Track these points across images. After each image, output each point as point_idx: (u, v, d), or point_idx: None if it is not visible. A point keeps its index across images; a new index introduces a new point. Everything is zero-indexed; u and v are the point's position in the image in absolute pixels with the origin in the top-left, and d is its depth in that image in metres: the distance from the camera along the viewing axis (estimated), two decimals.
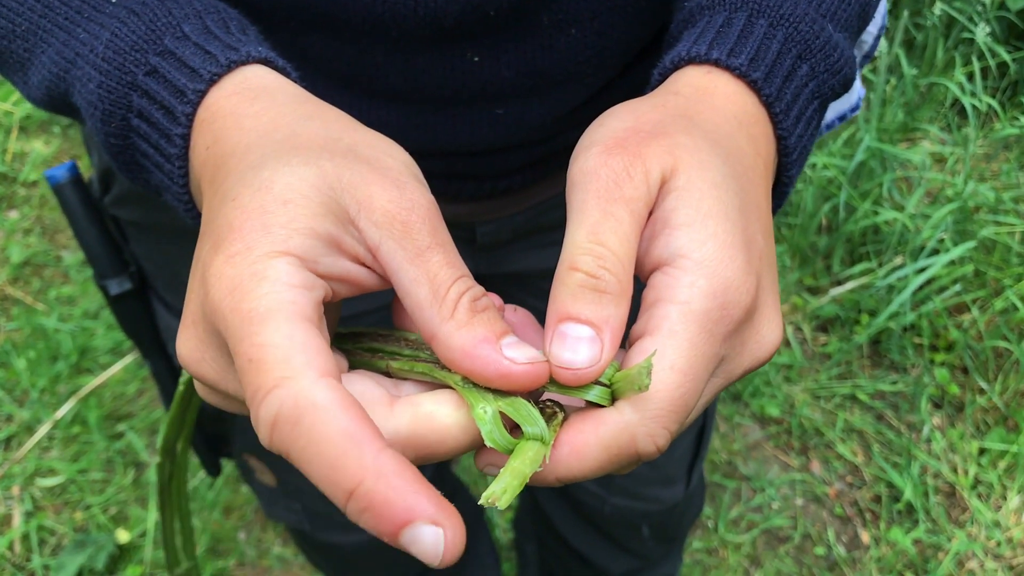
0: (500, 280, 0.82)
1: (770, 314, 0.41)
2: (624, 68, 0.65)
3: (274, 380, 0.33)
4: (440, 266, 0.37)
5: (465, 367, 0.37)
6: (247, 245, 0.35)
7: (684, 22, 0.51)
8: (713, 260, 0.38)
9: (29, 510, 1.71)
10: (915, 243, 2.03)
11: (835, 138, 2.28)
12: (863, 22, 0.54)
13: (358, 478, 0.32)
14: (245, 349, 0.34)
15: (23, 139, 2.54)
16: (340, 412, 0.32)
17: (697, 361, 0.37)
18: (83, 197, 0.78)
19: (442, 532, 0.32)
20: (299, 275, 0.35)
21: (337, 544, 1.04)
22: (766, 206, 0.43)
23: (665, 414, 0.37)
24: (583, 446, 0.37)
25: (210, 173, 0.41)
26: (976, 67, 2.35)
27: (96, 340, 2.00)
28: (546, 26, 0.58)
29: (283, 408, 0.32)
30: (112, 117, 0.45)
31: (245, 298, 0.34)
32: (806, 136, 0.48)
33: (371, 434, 0.33)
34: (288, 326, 0.34)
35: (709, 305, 0.37)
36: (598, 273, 0.37)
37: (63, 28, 0.47)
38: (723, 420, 1.92)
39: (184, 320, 0.39)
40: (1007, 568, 1.67)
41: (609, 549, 1.12)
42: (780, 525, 1.76)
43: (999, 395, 1.91)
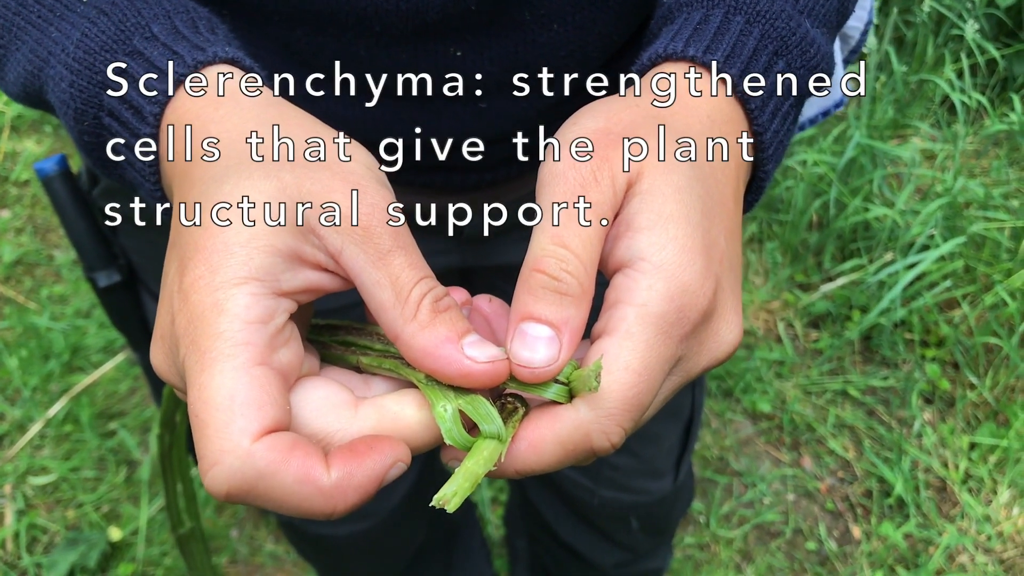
0: (486, 272, 0.83)
1: (729, 315, 0.42)
2: (607, 62, 0.66)
3: (214, 456, 0.35)
4: (402, 268, 0.38)
5: (428, 366, 0.38)
6: (210, 268, 0.37)
7: (663, 19, 0.52)
8: (671, 264, 0.39)
9: (21, 508, 1.71)
10: (905, 239, 2.04)
11: (826, 135, 2.29)
12: (842, 17, 0.54)
13: (330, 506, 0.36)
14: (193, 398, 0.36)
15: (15, 138, 2.54)
16: (284, 468, 0.35)
17: (652, 362, 0.39)
18: (72, 190, 0.78)
19: (402, 463, 0.37)
20: (257, 308, 0.37)
21: (327, 536, 1.05)
22: (733, 206, 0.45)
23: (619, 412, 0.38)
24: (540, 441, 0.39)
25: (178, 178, 0.42)
26: (965, 64, 2.36)
27: (88, 339, 2.00)
28: (528, 21, 0.59)
29: (231, 484, 0.35)
30: (84, 116, 0.46)
31: (203, 335, 0.36)
32: (782, 131, 0.49)
33: (318, 465, 0.35)
34: (232, 380, 0.35)
35: (666, 308, 0.39)
36: (560, 276, 0.39)
37: (36, 26, 0.48)
38: (715, 416, 1.92)
39: (156, 331, 0.41)
40: (997, 562, 1.68)
41: (599, 542, 1.13)
42: (771, 520, 1.76)
43: (989, 390, 1.92)
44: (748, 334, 2.06)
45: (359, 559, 1.12)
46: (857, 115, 2.30)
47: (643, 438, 0.98)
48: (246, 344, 0.36)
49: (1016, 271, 1.97)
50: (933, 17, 2.41)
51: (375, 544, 1.07)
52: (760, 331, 2.07)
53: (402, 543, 1.13)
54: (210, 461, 0.35)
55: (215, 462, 0.35)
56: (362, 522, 1.02)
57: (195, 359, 0.36)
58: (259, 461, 0.34)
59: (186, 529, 0.82)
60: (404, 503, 1.04)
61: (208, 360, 0.35)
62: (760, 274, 2.18)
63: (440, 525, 1.27)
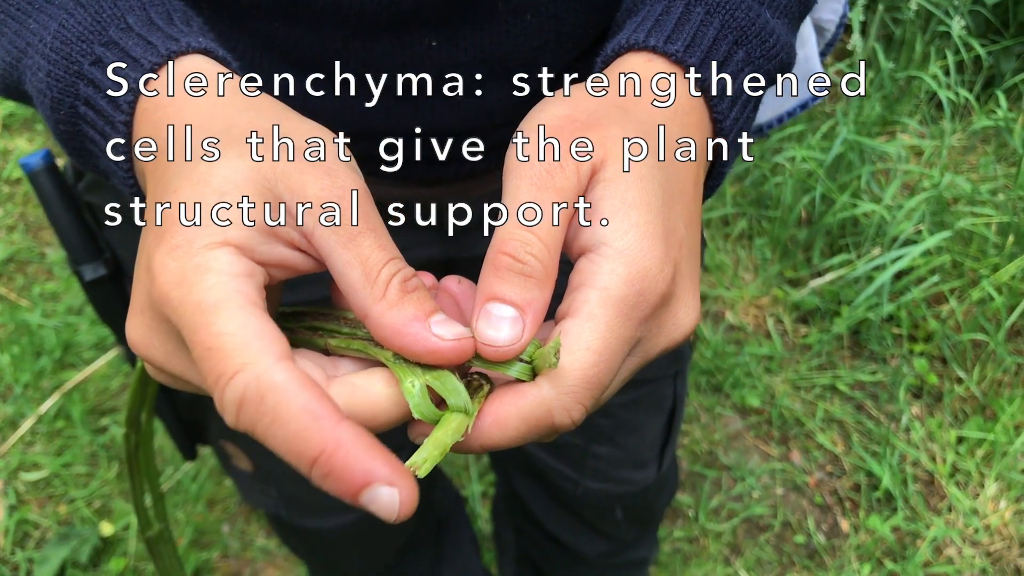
0: (470, 263, 0.84)
1: (687, 299, 0.44)
2: (581, 54, 0.67)
3: (235, 366, 0.35)
4: (371, 249, 0.39)
5: (396, 344, 0.39)
6: (187, 238, 0.38)
7: (627, 11, 0.54)
8: (632, 249, 0.41)
9: (13, 504, 1.72)
10: (892, 234, 2.05)
11: (814, 131, 2.30)
12: (804, 8, 0.56)
13: (319, 448, 0.35)
14: (201, 338, 0.36)
15: (6, 137, 2.54)
16: (299, 391, 0.35)
17: (613, 342, 0.40)
18: (58, 184, 0.79)
19: (397, 492, 0.35)
20: (240, 264, 0.38)
21: (314, 529, 1.05)
22: (693, 192, 0.46)
23: (580, 390, 0.40)
24: (504, 417, 0.40)
25: (152, 163, 0.43)
26: (952, 61, 2.37)
27: (80, 335, 2.01)
28: (502, 12, 0.60)
29: (247, 391, 0.35)
30: (61, 105, 0.47)
31: (193, 290, 0.36)
32: (742, 119, 0.50)
33: (329, 409, 0.35)
34: (240, 314, 0.36)
35: (626, 292, 0.40)
36: (524, 258, 0.40)
37: (15, 18, 0.49)
38: (704, 411, 1.93)
39: (132, 307, 0.41)
40: (984, 554, 1.69)
41: (584, 532, 1.14)
42: (760, 514, 1.78)
43: (977, 384, 1.93)
44: (737, 329, 2.07)
45: (348, 552, 1.13)
46: (845, 111, 2.31)
47: (626, 428, 0.99)
48: (239, 292, 0.37)
49: (1003, 266, 1.98)
50: (920, 14, 2.42)
51: (363, 537, 1.08)
52: (749, 326, 2.08)
53: (390, 536, 1.14)
54: (228, 374, 0.35)
55: (237, 371, 0.35)
56: (350, 514, 1.03)
57: (191, 310, 0.36)
58: (279, 376, 0.35)
59: (155, 531, 0.82)
60: None
61: (208, 306, 0.36)
62: (749, 270, 2.20)
63: (429, 518, 1.28)
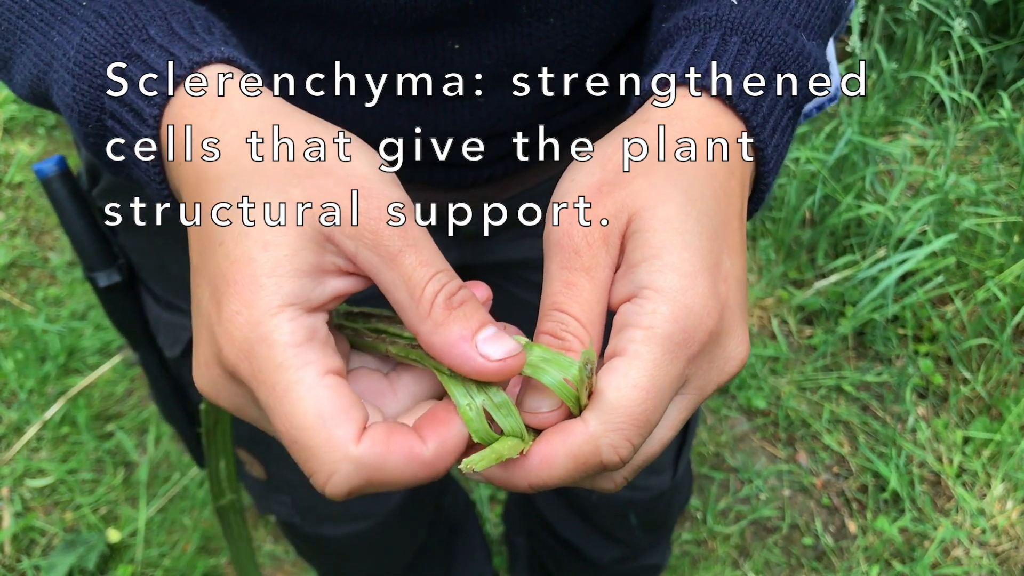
0: (485, 270, 0.83)
1: (737, 332, 0.44)
2: (605, 58, 0.66)
3: (329, 467, 0.38)
4: (414, 267, 0.40)
5: (446, 363, 0.40)
6: (246, 303, 0.39)
7: (663, 43, 0.53)
8: (673, 288, 0.41)
9: (19, 511, 1.71)
10: (897, 235, 2.05)
11: (818, 132, 2.30)
12: (835, 26, 0.56)
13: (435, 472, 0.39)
14: (285, 429, 0.38)
15: (8, 141, 2.53)
16: (390, 456, 0.38)
17: (660, 379, 0.41)
18: (72, 190, 0.78)
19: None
20: (300, 330, 0.39)
21: (328, 536, 1.05)
22: (738, 223, 0.46)
23: (627, 426, 0.40)
24: (552, 456, 0.41)
25: (186, 180, 0.44)
26: (954, 61, 2.37)
27: (84, 341, 2.00)
28: (525, 15, 0.59)
29: (351, 485, 0.38)
30: (88, 119, 0.47)
31: (263, 367, 0.38)
32: (782, 144, 0.50)
33: (416, 442, 0.39)
34: (313, 399, 0.38)
35: (671, 329, 0.41)
36: (562, 335, 0.42)
37: (39, 30, 0.49)
38: (710, 413, 1.93)
39: (197, 359, 0.43)
40: (992, 555, 1.69)
41: (598, 538, 1.13)
42: (768, 516, 1.77)
43: (982, 385, 1.93)
44: None
45: (359, 559, 1.13)
46: (848, 112, 2.31)
47: None
48: (306, 364, 0.38)
49: (1008, 266, 1.98)
50: (922, 15, 2.42)
51: (375, 544, 1.08)
52: (754, 328, 2.08)
53: (402, 543, 1.14)
54: (326, 474, 0.38)
55: (332, 472, 0.38)
56: (362, 522, 1.02)
57: (266, 393, 0.39)
58: (368, 459, 0.38)
59: (227, 500, 0.85)
60: (404, 503, 1.04)
61: (281, 391, 0.38)
62: (754, 271, 2.19)
63: (441, 525, 1.27)
